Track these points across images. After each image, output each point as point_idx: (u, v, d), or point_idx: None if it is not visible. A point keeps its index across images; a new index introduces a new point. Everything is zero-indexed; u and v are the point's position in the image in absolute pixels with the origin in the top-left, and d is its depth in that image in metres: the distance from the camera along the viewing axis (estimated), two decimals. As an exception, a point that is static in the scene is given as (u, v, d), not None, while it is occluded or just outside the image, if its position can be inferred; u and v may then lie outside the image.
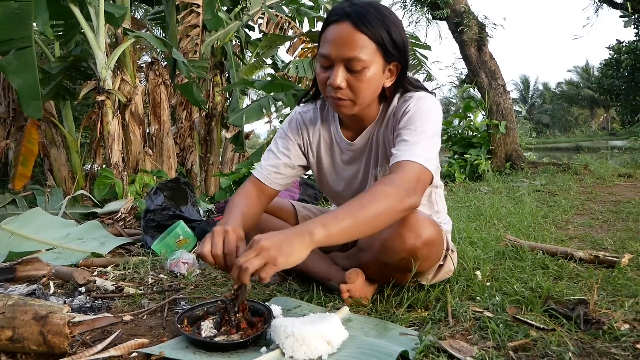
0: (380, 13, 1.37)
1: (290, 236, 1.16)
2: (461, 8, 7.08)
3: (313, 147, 1.71)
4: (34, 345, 1.24)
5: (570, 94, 48.14)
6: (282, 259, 1.13)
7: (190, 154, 6.95)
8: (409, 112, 1.46)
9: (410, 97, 1.49)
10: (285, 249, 1.14)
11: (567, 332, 1.28)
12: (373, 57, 1.38)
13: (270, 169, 1.66)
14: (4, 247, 2.62)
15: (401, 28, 1.42)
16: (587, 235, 2.62)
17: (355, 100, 1.43)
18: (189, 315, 1.41)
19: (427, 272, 1.59)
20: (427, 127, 1.42)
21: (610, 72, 21.10)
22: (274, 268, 1.14)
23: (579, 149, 12.59)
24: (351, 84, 1.40)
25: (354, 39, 1.35)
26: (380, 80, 1.45)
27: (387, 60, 1.42)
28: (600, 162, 6.86)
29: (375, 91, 1.47)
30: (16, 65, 3.97)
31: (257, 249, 1.14)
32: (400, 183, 1.29)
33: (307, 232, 1.17)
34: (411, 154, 1.35)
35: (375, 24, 1.36)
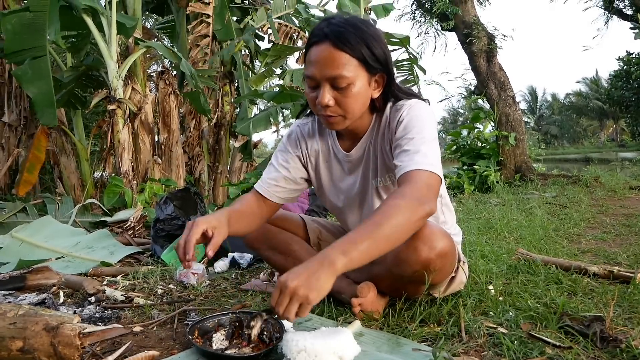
0: (357, 29, 1.40)
1: (314, 270, 1.16)
2: (470, 19, 7.08)
3: (312, 159, 1.73)
4: (44, 356, 1.23)
5: (579, 105, 47.93)
6: (313, 295, 1.13)
7: (199, 163, 6.97)
8: (403, 122, 1.46)
9: (402, 105, 1.50)
10: (313, 284, 1.14)
11: (583, 349, 1.25)
12: (357, 73, 1.40)
13: (270, 182, 1.67)
14: (15, 255, 2.63)
15: (380, 40, 1.44)
16: (600, 249, 2.59)
17: (345, 115, 1.46)
18: (200, 327, 1.40)
19: (440, 285, 1.58)
20: (425, 133, 1.43)
21: (620, 84, 20.97)
22: (309, 306, 1.15)
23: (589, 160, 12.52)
24: (339, 100, 1.43)
25: (335, 58, 1.38)
26: (367, 93, 1.47)
27: (371, 72, 1.44)
28: (610, 174, 6.80)
29: (364, 104, 1.49)
30: (31, 74, 4.01)
31: (288, 293, 1.14)
32: (410, 194, 1.29)
33: (328, 262, 1.16)
34: (415, 162, 1.36)
35: (354, 40, 1.38)
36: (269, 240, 1.81)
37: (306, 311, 1.15)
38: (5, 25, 3.83)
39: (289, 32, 7.21)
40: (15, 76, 4.22)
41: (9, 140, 5.85)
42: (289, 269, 1.77)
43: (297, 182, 1.72)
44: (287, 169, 1.70)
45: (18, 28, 3.85)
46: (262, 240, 1.81)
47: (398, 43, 7.75)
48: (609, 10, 11.63)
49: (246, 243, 1.87)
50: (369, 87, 1.46)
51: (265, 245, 1.82)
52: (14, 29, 3.88)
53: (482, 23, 7.10)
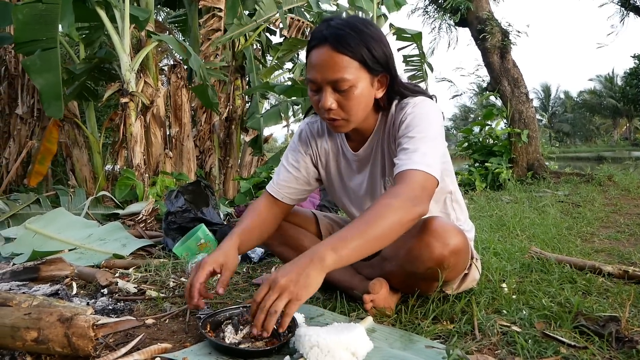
0: (357, 30, 1.38)
1: (304, 266, 1.16)
2: (484, 15, 7.02)
3: (322, 157, 1.73)
4: (58, 347, 1.24)
5: (592, 103, 47.46)
6: (303, 292, 1.14)
7: (210, 157, 6.99)
8: (406, 120, 1.45)
9: (407, 103, 1.48)
10: (302, 281, 1.15)
11: (598, 349, 1.24)
12: (358, 75, 1.39)
13: (282, 184, 1.68)
14: (28, 246, 2.65)
15: (380, 40, 1.42)
16: (613, 249, 2.56)
17: (348, 118, 1.45)
18: (212, 320, 1.41)
19: (453, 282, 1.57)
20: (427, 132, 1.41)
21: (635, 82, 20.74)
22: (298, 303, 1.15)
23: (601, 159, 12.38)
24: (341, 103, 1.42)
25: (336, 61, 1.37)
26: (370, 94, 1.46)
27: (373, 74, 1.43)
28: (624, 173, 6.72)
29: (367, 106, 1.48)
30: (40, 65, 4.03)
31: (276, 289, 1.14)
32: (404, 194, 1.27)
33: (318, 259, 1.17)
34: (412, 162, 1.34)
35: (353, 42, 1.37)
36: (281, 236, 1.81)
37: (294, 308, 1.15)
38: (17, 15, 3.84)
39: (300, 26, 7.19)
40: (24, 66, 4.24)
41: (20, 133, 5.90)
42: None
43: (309, 182, 1.73)
44: (298, 169, 1.70)
45: (29, 19, 3.86)
46: (274, 236, 1.81)
47: (410, 39, 7.71)
48: (625, 7, 11.47)
49: None
50: (371, 88, 1.45)
51: (277, 241, 1.82)
52: (24, 20, 3.88)
53: (496, 19, 7.04)
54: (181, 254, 2.48)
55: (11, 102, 6.03)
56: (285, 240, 1.81)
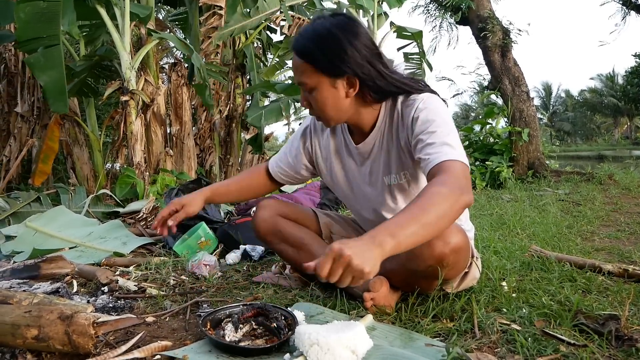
0: (318, 37, 1.45)
1: (368, 246, 1.10)
2: (485, 13, 7.01)
3: (323, 152, 1.78)
4: (59, 344, 1.24)
5: (593, 102, 47.39)
6: (367, 270, 1.07)
7: (210, 155, 6.98)
8: (419, 117, 1.44)
9: (414, 100, 1.49)
10: (368, 259, 1.08)
11: (598, 348, 1.24)
12: (317, 79, 1.46)
13: (280, 165, 1.87)
14: (29, 244, 2.65)
15: (342, 44, 1.42)
16: (614, 248, 2.56)
17: (322, 116, 1.54)
18: (212, 318, 1.41)
19: (453, 280, 1.57)
20: (445, 126, 1.42)
21: (636, 81, 20.72)
22: (362, 280, 1.10)
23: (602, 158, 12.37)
24: (311, 103, 1.53)
25: (298, 66, 1.49)
26: (336, 96, 1.48)
27: (332, 77, 1.46)
28: (625, 172, 6.71)
29: (336, 106, 1.50)
30: (43, 63, 4.03)
31: (342, 265, 1.07)
32: (451, 183, 1.26)
33: (378, 243, 1.11)
34: (445, 154, 1.34)
35: (310, 49, 1.44)
36: (281, 233, 1.82)
37: (358, 284, 1.11)
38: (18, 13, 3.84)
39: (301, 24, 7.17)
40: (27, 64, 4.24)
41: (21, 131, 5.89)
42: (300, 263, 1.81)
43: (300, 174, 1.86)
44: (295, 157, 1.84)
45: (31, 17, 3.86)
46: (274, 233, 1.83)
47: (410, 37, 7.71)
48: (626, 6, 11.45)
49: (258, 236, 1.88)
50: (334, 89, 1.47)
51: (278, 238, 1.83)
52: (26, 18, 3.89)
53: (497, 17, 7.02)
54: (181, 252, 2.49)
55: (10, 100, 6.02)
56: (286, 238, 1.82)
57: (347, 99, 1.50)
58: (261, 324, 1.36)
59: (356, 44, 1.44)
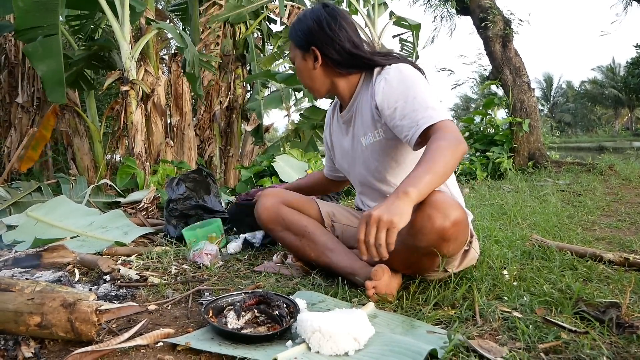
0: (297, 19, 1.77)
1: (392, 201, 1.29)
2: (486, 3, 6.96)
3: (333, 136, 1.99)
4: (61, 331, 1.25)
5: (593, 93, 47.27)
6: (397, 219, 1.26)
7: (210, 146, 6.98)
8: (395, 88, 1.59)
9: (387, 69, 1.66)
10: (394, 210, 1.27)
11: (599, 335, 1.25)
12: (294, 52, 1.78)
13: (328, 165, 2.14)
14: (30, 234, 2.65)
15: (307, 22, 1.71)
16: (614, 237, 2.56)
17: (305, 86, 1.83)
18: (214, 306, 1.41)
19: (454, 258, 1.57)
20: (420, 89, 1.57)
21: (637, 71, 20.63)
22: (395, 230, 1.26)
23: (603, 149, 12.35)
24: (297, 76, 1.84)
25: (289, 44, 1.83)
26: (307, 67, 1.75)
27: (302, 50, 1.74)
28: (625, 162, 6.70)
29: (310, 75, 1.76)
30: (42, 52, 4.01)
31: (373, 222, 1.26)
32: (448, 137, 1.43)
33: (403, 193, 1.30)
34: (431, 117, 1.49)
35: (291, 29, 1.78)
36: (284, 221, 1.83)
37: (394, 235, 1.26)
38: (17, 2, 3.82)
39: (297, 13, 7.14)
40: (25, 53, 4.22)
41: (21, 121, 5.88)
42: (302, 251, 1.82)
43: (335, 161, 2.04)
44: (329, 149, 2.06)
45: (30, 6, 3.83)
46: (277, 221, 1.84)
47: (407, 27, 7.71)
48: (628, -4, 11.35)
49: (261, 223, 1.89)
50: (305, 62, 1.75)
51: (280, 226, 1.84)
52: (25, 7, 3.85)
53: (498, 7, 6.98)
54: (189, 238, 2.45)
55: (11, 91, 6.01)
56: (288, 225, 1.83)
57: (316, 70, 1.74)
58: (263, 312, 1.37)
59: (322, 24, 1.69)
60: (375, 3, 7.79)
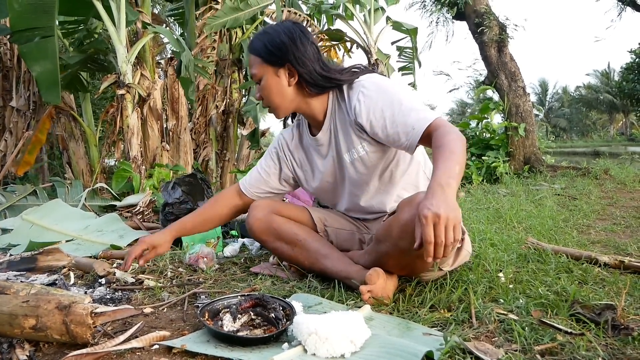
0: (263, 34, 1.70)
1: (443, 195, 1.27)
2: (482, 9, 7.01)
3: (295, 159, 1.93)
4: (56, 334, 1.24)
5: (588, 98, 47.48)
6: (459, 214, 1.26)
7: (206, 150, 6.97)
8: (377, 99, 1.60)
9: (357, 83, 1.67)
10: (452, 205, 1.26)
11: (594, 337, 1.25)
12: (262, 69, 1.68)
13: (253, 184, 1.97)
14: (25, 237, 2.65)
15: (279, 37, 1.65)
16: (610, 240, 2.57)
17: (270, 105, 1.73)
18: (210, 309, 1.41)
19: (448, 257, 1.57)
20: (402, 95, 1.59)
21: (632, 77, 20.73)
22: (460, 225, 1.26)
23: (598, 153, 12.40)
24: (261, 94, 1.72)
25: (250, 61, 1.72)
26: (279, 83, 1.68)
27: (276, 66, 1.67)
28: (620, 167, 6.73)
29: (280, 93, 1.70)
30: (37, 53, 4.01)
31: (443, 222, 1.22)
32: (450, 131, 1.47)
33: (446, 185, 1.30)
34: (424, 118, 1.51)
35: (256, 44, 1.68)
36: (276, 231, 1.83)
37: (458, 231, 1.24)
38: (12, 4, 3.81)
39: (297, 20, 7.16)
40: (21, 54, 4.22)
41: (17, 125, 5.86)
42: (296, 260, 1.82)
43: (275, 188, 1.98)
44: (268, 173, 1.96)
45: (26, 7, 3.83)
46: (269, 231, 1.83)
47: (405, 31, 7.72)
48: (622, 1, 11.46)
49: (253, 235, 1.89)
50: (277, 78, 1.67)
51: (273, 236, 1.84)
52: (21, 9, 3.86)
53: (493, 12, 7.02)
54: (185, 241, 2.44)
55: (6, 95, 5.99)
56: (281, 235, 1.83)
57: (289, 87, 1.69)
58: (259, 314, 1.37)
59: (296, 41, 1.64)
60: (371, 8, 7.81)
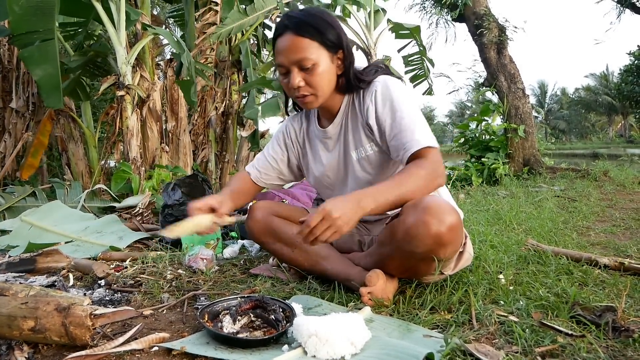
0: (311, 16, 1.58)
1: (352, 208, 1.34)
2: (481, 10, 7.01)
3: (300, 147, 1.91)
4: (55, 336, 1.24)
5: (587, 100, 47.55)
6: (346, 229, 1.33)
7: (205, 151, 6.96)
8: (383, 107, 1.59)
9: (376, 82, 1.64)
10: (348, 219, 1.32)
11: (595, 338, 1.24)
12: (319, 53, 1.56)
13: (260, 170, 1.92)
14: (24, 239, 2.64)
15: (332, 23, 1.59)
16: (609, 242, 2.57)
17: (315, 93, 1.61)
18: (210, 310, 1.41)
19: (450, 261, 1.57)
20: (409, 109, 1.57)
21: (631, 79, 20.74)
22: (338, 235, 1.32)
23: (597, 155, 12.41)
24: (308, 80, 1.58)
25: (298, 44, 1.55)
26: (332, 70, 1.62)
27: (331, 51, 1.59)
28: (619, 168, 6.74)
29: (331, 81, 1.63)
30: (38, 57, 3.99)
31: (327, 221, 1.31)
32: (428, 167, 1.46)
33: (362, 207, 1.35)
34: (418, 142, 1.50)
35: (310, 26, 1.55)
36: (276, 233, 1.82)
37: (335, 238, 1.33)
38: (12, 7, 3.80)
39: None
40: (21, 58, 4.20)
41: (16, 127, 5.85)
42: (296, 261, 1.82)
43: (284, 175, 1.94)
44: (276, 161, 1.91)
45: (26, 10, 3.81)
46: (269, 233, 1.82)
47: (408, 35, 7.69)
48: (621, 4, 11.48)
49: (252, 238, 1.88)
50: (332, 64, 1.61)
51: (272, 238, 1.83)
52: (21, 11, 3.84)
53: (493, 14, 7.03)
54: (185, 242, 2.43)
55: (5, 96, 5.98)
56: (280, 236, 1.82)
57: (335, 77, 1.64)
58: (259, 316, 1.36)
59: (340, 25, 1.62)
60: (371, 10, 7.81)
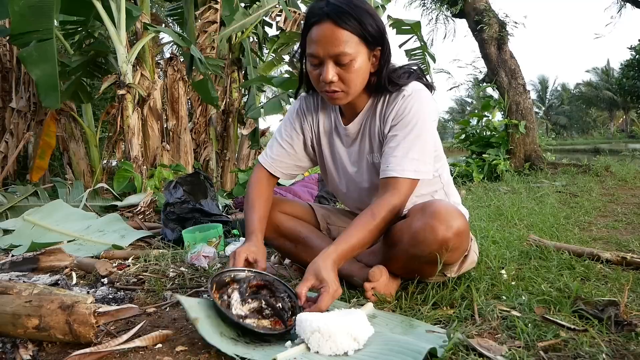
0: (354, 7, 1.44)
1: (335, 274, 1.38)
2: (482, 6, 7.00)
3: (315, 132, 1.78)
4: (59, 334, 1.24)
5: (588, 96, 47.45)
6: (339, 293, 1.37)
7: (206, 150, 6.96)
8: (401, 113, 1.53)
9: (403, 89, 1.55)
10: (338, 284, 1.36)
11: (598, 333, 1.25)
12: (358, 49, 1.46)
13: (276, 158, 1.76)
14: (27, 238, 2.65)
15: (375, 15, 1.48)
16: (611, 237, 2.57)
17: (347, 90, 1.51)
18: (217, 280, 1.39)
19: (454, 264, 1.57)
20: (418, 130, 1.51)
21: (632, 74, 20.72)
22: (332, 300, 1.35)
23: (598, 151, 12.39)
24: (342, 76, 1.48)
25: (338, 36, 1.43)
26: (367, 68, 1.52)
27: (370, 48, 1.49)
28: (621, 164, 6.73)
29: (364, 79, 1.54)
30: (36, 57, 3.98)
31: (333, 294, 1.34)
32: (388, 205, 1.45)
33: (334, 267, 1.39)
34: (400, 169, 1.48)
35: (353, 18, 1.43)
36: (279, 229, 1.81)
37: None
38: (12, 6, 3.80)
39: (296, 18, 7.15)
40: (20, 58, 4.19)
41: (17, 126, 5.85)
42: (299, 257, 1.82)
43: (300, 160, 1.80)
44: (292, 145, 1.77)
45: (25, 10, 3.81)
46: (271, 228, 1.81)
47: (409, 30, 7.68)
48: (622, -2, 11.44)
49: None
50: (368, 62, 1.51)
51: (276, 233, 1.82)
52: (20, 11, 3.83)
53: (493, 10, 7.02)
54: (187, 240, 2.44)
55: (5, 96, 5.99)
56: (283, 232, 1.82)
57: (368, 74, 1.54)
58: (270, 305, 1.37)
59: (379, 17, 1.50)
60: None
